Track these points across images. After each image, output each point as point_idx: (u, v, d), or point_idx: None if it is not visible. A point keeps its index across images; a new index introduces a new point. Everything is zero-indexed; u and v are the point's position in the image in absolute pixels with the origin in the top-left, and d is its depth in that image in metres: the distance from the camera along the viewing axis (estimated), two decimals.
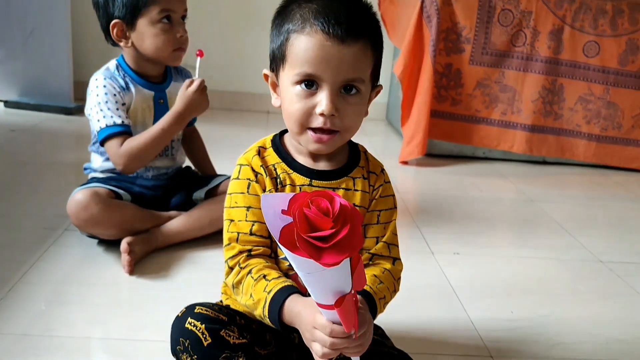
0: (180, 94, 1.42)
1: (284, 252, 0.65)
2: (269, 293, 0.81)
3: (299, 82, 0.83)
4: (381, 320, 1.03)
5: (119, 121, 1.39)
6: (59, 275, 1.30)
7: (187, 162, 1.67)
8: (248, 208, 0.88)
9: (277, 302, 0.80)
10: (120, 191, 1.42)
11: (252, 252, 0.88)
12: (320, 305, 0.71)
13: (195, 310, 0.87)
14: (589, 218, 2.02)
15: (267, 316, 0.82)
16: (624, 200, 2.24)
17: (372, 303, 0.85)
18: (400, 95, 2.47)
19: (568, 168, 2.58)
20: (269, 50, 0.89)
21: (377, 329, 0.99)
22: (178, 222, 1.46)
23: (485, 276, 1.50)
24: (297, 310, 0.78)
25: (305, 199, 0.65)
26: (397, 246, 0.96)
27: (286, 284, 0.82)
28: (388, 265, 0.92)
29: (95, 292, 1.25)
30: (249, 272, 0.85)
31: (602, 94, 2.49)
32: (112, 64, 1.46)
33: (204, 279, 1.34)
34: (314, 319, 0.74)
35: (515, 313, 1.32)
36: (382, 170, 0.95)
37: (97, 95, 1.39)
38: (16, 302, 1.17)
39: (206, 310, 0.88)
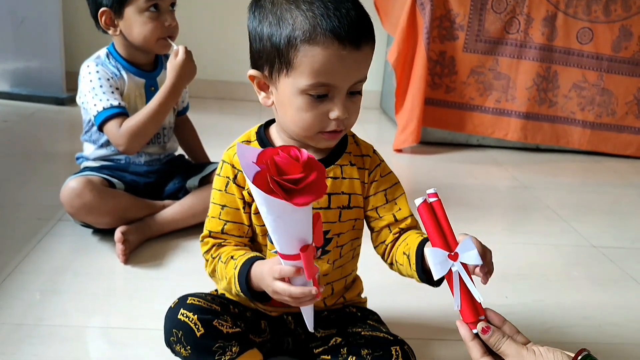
0: (170, 65, 1.40)
1: (256, 197, 0.70)
2: (235, 268, 0.83)
3: (309, 91, 0.80)
4: (376, 305, 1.04)
5: (115, 103, 1.38)
6: (53, 265, 1.29)
7: (180, 151, 1.67)
8: (223, 207, 0.90)
9: (244, 272, 0.82)
10: (114, 180, 1.42)
11: (223, 244, 0.90)
12: (283, 257, 0.74)
13: (188, 301, 0.88)
14: (583, 204, 2.03)
15: (240, 291, 0.83)
16: (617, 187, 2.25)
17: None
18: (394, 83, 2.47)
19: (562, 155, 2.58)
20: (256, 47, 0.84)
21: (373, 315, 1.00)
22: (172, 211, 1.46)
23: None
24: (259, 269, 0.80)
25: (274, 149, 0.70)
26: None
27: (250, 255, 0.84)
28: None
29: (90, 281, 1.25)
30: (219, 258, 0.88)
31: (596, 80, 2.49)
32: (102, 52, 1.45)
33: (198, 267, 1.32)
34: (272, 269, 0.76)
35: (509, 298, 1.33)
36: (374, 151, 0.95)
37: (91, 80, 1.39)
38: (11, 291, 1.17)
39: (198, 301, 0.88)
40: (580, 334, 1.21)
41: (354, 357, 0.85)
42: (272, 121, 0.93)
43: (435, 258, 0.75)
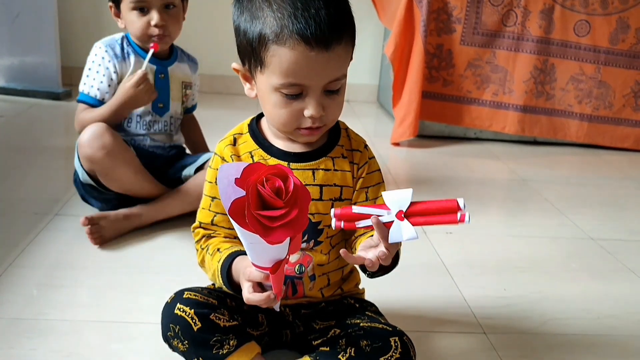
0: (120, 86, 1.43)
1: (232, 222, 0.67)
2: (219, 261, 0.85)
3: (282, 89, 0.81)
4: (375, 297, 1.04)
5: (92, 94, 1.44)
6: (50, 259, 1.29)
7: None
8: (213, 199, 0.91)
9: (225, 265, 0.84)
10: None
11: (212, 235, 0.92)
12: (255, 265, 0.75)
13: (184, 296, 0.88)
14: (580, 197, 2.03)
15: (223, 284, 0.85)
16: (615, 179, 2.25)
17: None
18: (391, 76, 2.46)
19: (559, 148, 2.58)
20: (237, 41, 0.85)
21: (371, 306, 1.00)
22: (166, 198, 1.46)
23: (478, 255, 1.51)
24: (239, 265, 0.82)
25: (260, 174, 0.66)
26: None
27: (233, 249, 0.86)
28: None
29: (88, 275, 1.24)
30: (207, 250, 0.89)
31: (593, 73, 2.49)
32: (118, 35, 1.49)
33: (196, 261, 1.33)
34: (245, 270, 0.78)
35: (508, 290, 1.33)
36: (366, 146, 0.95)
37: (93, 62, 1.46)
38: (8, 286, 1.17)
39: (195, 295, 0.88)
40: (579, 325, 1.21)
41: (352, 349, 0.84)
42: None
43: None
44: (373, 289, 1.07)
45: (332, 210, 0.77)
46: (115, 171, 1.39)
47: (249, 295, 0.76)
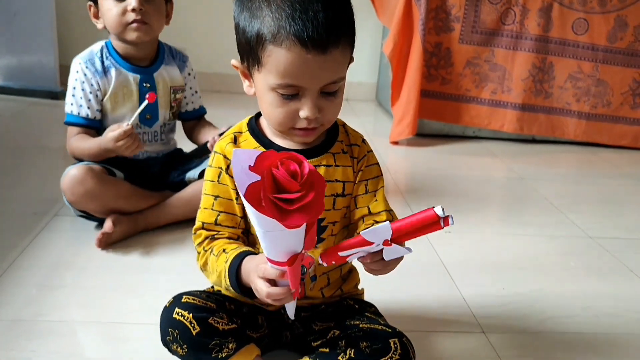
0: (105, 132, 1.37)
1: (247, 208, 0.66)
2: (227, 262, 0.83)
3: (278, 89, 0.81)
4: (374, 298, 1.04)
5: (84, 113, 1.41)
6: (49, 260, 1.29)
7: (178, 145, 1.65)
8: (216, 197, 0.90)
9: (234, 266, 0.82)
10: (114, 169, 1.42)
11: (216, 236, 0.90)
12: (270, 261, 0.74)
13: (183, 300, 0.87)
14: (579, 195, 2.04)
15: (229, 285, 0.83)
16: (613, 177, 2.25)
17: None
18: (390, 75, 2.46)
19: (557, 146, 2.58)
20: (237, 38, 0.85)
21: (370, 307, 1.00)
22: (169, 203, 1.46)
23: (477, 253, 1.51)
24: (249, 265, 0.80)
25: (274, 159, 0.66)
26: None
27: (241, 249, 0.84)
28: None
29: (87, 276, 1.24)
30: (211, 251, 0.87)
31: (592, 71, 2.49)
32: (97, 45, 1.45)
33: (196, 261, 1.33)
34: (257, 267, 0.77)
35: (506, 289, 1.33)
36: (363, 140, 0.95)
37: (76, 80, 1.41)
38: (7, 287, 1.17)
39: (193, 299, 0.88)
40: (578, 323, 1.22)
41: (352, 350, 0.85)
42: None
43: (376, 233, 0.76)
44: (372, 290, 1.07)
45: (319, 257, 0.79)
46: (106, 206, 1.38)
47: (268, 289, 0.75)
